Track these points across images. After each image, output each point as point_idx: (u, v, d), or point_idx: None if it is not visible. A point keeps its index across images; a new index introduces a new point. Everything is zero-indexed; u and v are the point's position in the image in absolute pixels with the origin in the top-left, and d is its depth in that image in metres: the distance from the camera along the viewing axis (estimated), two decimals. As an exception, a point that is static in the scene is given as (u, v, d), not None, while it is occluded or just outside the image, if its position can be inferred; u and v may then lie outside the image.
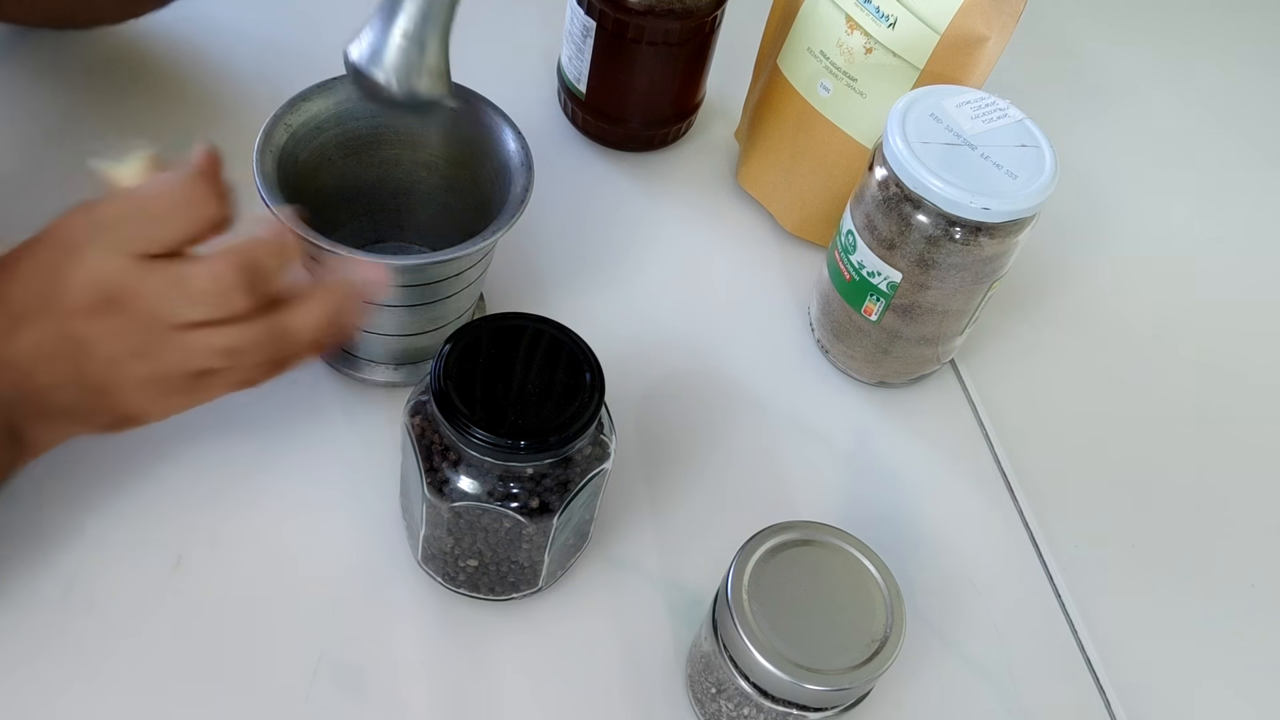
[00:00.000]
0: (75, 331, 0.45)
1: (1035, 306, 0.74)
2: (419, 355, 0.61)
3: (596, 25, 0.69)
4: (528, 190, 0.56)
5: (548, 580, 0.54)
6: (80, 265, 0.45)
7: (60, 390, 0.46)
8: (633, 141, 0.76)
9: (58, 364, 0.46)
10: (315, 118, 0.57)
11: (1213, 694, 0.59)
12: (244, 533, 0.55)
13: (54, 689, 0.49)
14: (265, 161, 0.54)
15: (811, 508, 0.61)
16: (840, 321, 0.65)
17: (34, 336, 0.45)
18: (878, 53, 0.63)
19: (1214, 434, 0.70)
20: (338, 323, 0.49)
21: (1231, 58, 0.97)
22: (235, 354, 0.47)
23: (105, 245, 0.45)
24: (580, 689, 0.53)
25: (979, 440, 0.66)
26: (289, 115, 0.56)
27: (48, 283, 0.45)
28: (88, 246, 0.45)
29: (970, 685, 0.56)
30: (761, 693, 0.47)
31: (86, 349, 0.45)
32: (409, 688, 0.52)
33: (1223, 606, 0.62)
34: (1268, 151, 0.90)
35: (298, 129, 0.56)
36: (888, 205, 0.58)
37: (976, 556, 0.61)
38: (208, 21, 0.76)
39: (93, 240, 0.45)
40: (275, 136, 0.55)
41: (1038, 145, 0.58)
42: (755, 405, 0.65)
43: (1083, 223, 0.79)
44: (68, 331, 0.45)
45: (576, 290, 0.68)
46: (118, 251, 0.45)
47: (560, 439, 0.47)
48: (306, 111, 0.57)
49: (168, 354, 0.46)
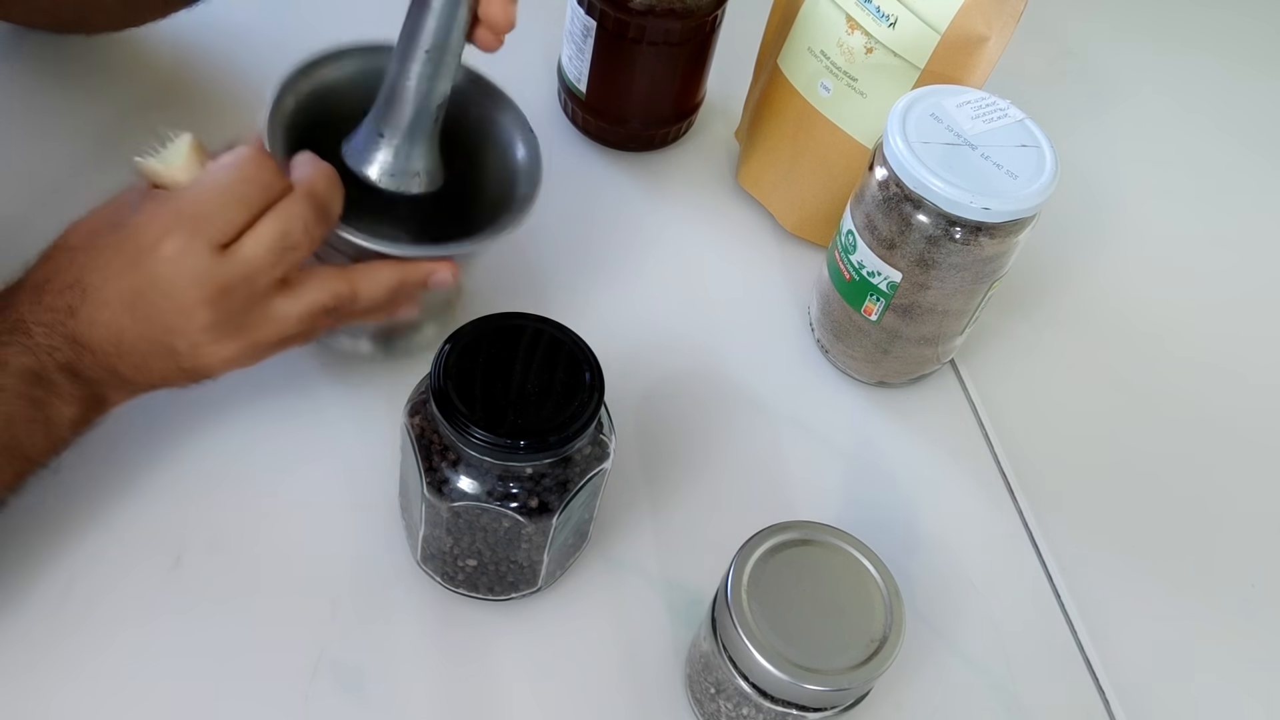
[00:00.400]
0: (173, 325, 0.47)
1: (1035, 306, 0.74)
2: (400, 330, 0.61)
3: (597, 25, 0.69)
4: (537, 172, 0.56)
5: (547, 580, 0.54)
6: (173, 266, 0.46)
7: (150, 372, 0.49)
8: (633, 141, 0.76)
9: (153, 357, 0.48)
10: (323, 82, 0.57)
11: (1212, 693, 0.59)
12: (243, 533, 0.55)
13: (54, 689, 0.49)
14: (275, 124, 0.54)
15: (811, 508, 0.61)
16: (840, 321, 0.65)
17: (130, 328, 0.47)
18: (878, 53, 0.63)
19: (1214, 434, 0.70)
20: (395, 302, 0.53)
21: (1232, 57, 0.97)
22: (315, 316, 0.50)
23: (193, 243, 0.46)
24: (580, 689, 0.53)
25: (979, 440, 0.66)
26: (300, 82, 0.56)
27: (141, 273, 0.47)
28: (175, 245, 0.46)
29: (970, 685, 0.56)
30: (761, 693, 0.47)
31: (184, 337, 0.48)
32: (408, 687, 0.52)
33: (1222, 606, 0.62)
34: (1268, 151, 0.89)
35: (303, 97, 0.56)
36: (888, 205, 0.58)
37: (976, 556, 0.61)
38: (211, 19, 0.76)
39: (178, 239, 0.46)
40: (284, 104, 0.55)
41: (1038, 145, 0.58)
42: (755, 405, 0.65)
43: (1083, 223, 0.79)
44: (167, 325, 0.47)
45: (576, 290, 0.68)
46: (204, 246, 0.47)
47: (560, 439, 0.47)
48: (316, 79, 0.57)
49: (263, 329, 0.49)
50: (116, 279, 0.47)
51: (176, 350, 0.48)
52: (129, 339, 0.48)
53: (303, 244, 0.49)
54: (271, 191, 0.48)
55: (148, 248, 0.46)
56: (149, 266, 0.46)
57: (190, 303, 0.47)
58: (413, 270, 0.53)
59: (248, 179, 0.48)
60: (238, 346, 0.49)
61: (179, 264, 0.46)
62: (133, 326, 0.47)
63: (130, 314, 0.47)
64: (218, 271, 0.47)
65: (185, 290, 0.47)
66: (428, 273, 0.53)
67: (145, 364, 0.49)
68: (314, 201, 0.49)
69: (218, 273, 0.47)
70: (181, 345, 0.48)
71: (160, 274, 0.46)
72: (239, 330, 0.49)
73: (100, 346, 0.47)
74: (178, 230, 0.46)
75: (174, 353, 0.48)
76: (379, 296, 0.52)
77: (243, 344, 0.49)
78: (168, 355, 0.48)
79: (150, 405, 0.58)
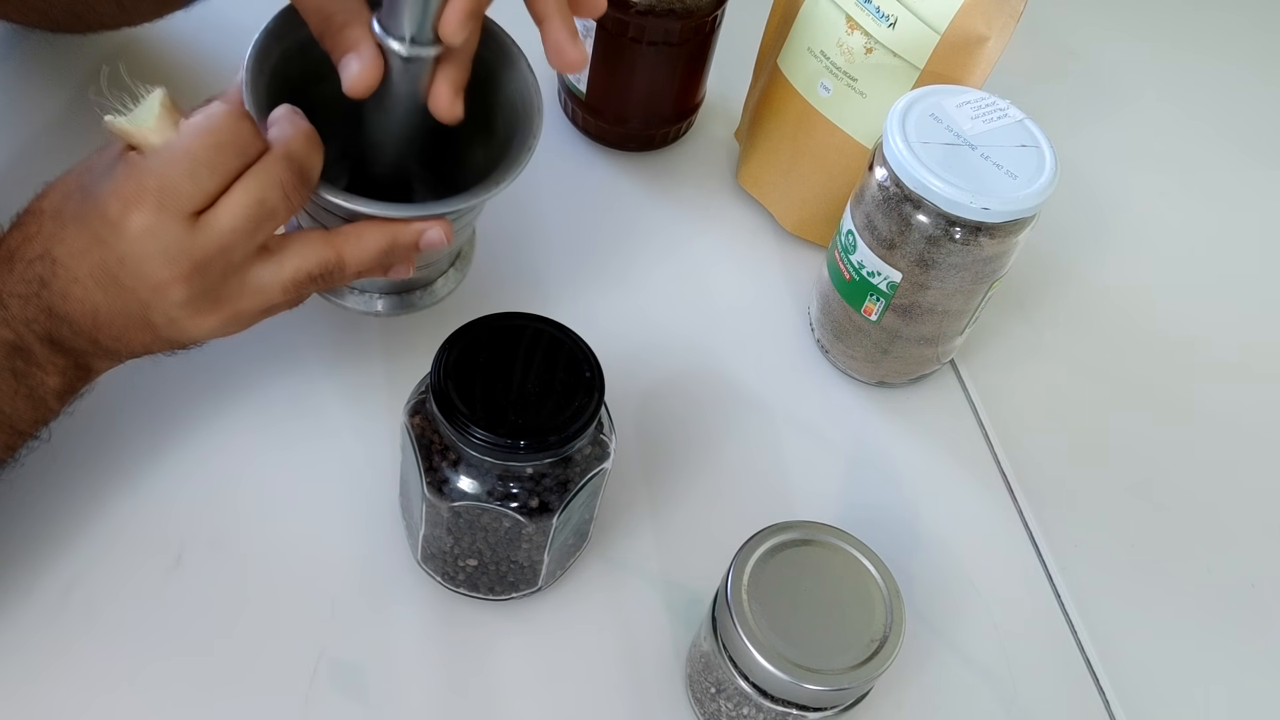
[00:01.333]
0: (148, 301, 0.45)
1: (1035, 306, 0.74)
2: (404, 285, 0.59)
3: (597, 25, 0.69)
4: (536, 122, 0.54)
5: (547, 580, 0.54)
6: (141, 244, 0.44)
7: (131, 343, 0.48)
8: (633, 141, 0.76)
9: (131, 330, 0.47)
10: (308, 35, 0.52)
11: (1212, 693, 0.59)
12: (243, 532, 0.55)
13: (54, 688, 0.49)
14: (259, 73, 0.51)
15: (811, 508, 0.61)
16: (840, 321, 0.65)
17: (104, 303, 0.46)
18: (878, 53, 0.63)
19: (1214, 434, 0.70)
20: (386, 264, 0.50)
21: (1233, 57, 0.97)
22: (300, 285, 0.48)
23: (160, 216, 0.44)
24: (580, 689, 0.53)
25: (979, 440, 0.66)
26: (281, 29, 0.52)
27: (109, 250, 0.44)
28: (141, 220, 0.44)
29: (970, 685, 0.56)
30: (761, 692, 0.47)
31: (160, 313, 0.46)
32: (408, 688, 0.52)
33: (1223, 606, 0.62)
34: (1269, 151, 0.89)
35: (289, 46, 0.53)
36: (888, 205, 0.58)
37: (976, 556, 0.61)
38: (213, 17, 0.76)
39: (145, 214, 0.44)
40: (269, 53, 0.52)
41: (1038, 145, 0.58)
42: (755, 405, 0.65)
43: (1083, 223, 0.79)
44: (142, 301, 0.45)
45: (576, 290, 0.68)
46: (174, 219, 0.44)
47: (560, 439, 0.47)
48: (300, 29, 0.52)
49: (243, 300, 0.47)
50: (84, 255, 0.45)
51: (154, 324, 0.46)
52: (104, 313, 0.46)
53: (281, 210, 0.46)
54: (247, 154, 0.45)
55: (114, 222, 0.44)
56: (115, 244, 0.44)
57: (163, 280, 0.45)
58: (402, 231, 0.49)
59: (221, 143, 0.44)
60: (218, 318, 0.47)
61: (147, 241, 0.44)
62: (106, 302, 0.45)
63: (102, 290, 0.45)
64: (190, 245, 0.44)
65: (156, 269, 0.44)
66: (418, 233, 0.50)
67: (124, 335, 0.47)
68: (292, 163, 0.46)
69: (190, 246, 0.44)
70: (159, 319, 0.46)
71: (129, 252, 0.44)
72: (218, 302, 0.47)
73: (76, 319, 0.46)
74: (144, 203, 0.44)
75: (151, 325, 0.47)
76: (368, 261, 0.49)
77: (224, 315, 0.47)
78: (145, 328, 0.47)
79: (151, 404, 0.58)
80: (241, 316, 0.48)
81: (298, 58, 0.53)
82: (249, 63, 0.51)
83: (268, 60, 0.52)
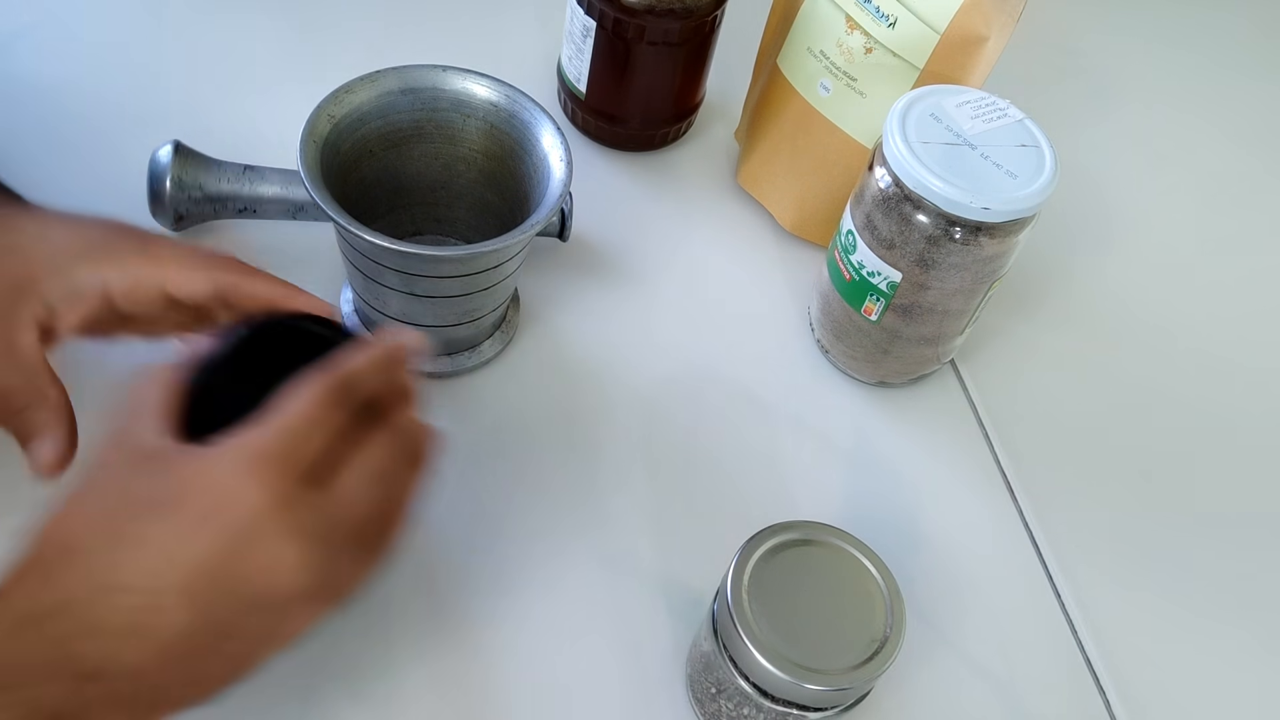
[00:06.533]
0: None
1: (1036, 306, 0.74)
2: (456, 346, 0.61)
3: (596, 25, 0.69)
4: (567, 184, 0.56)
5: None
6: (280, 572, 0.37)
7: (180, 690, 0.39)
8: (633, 141, 0.76)
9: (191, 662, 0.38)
10: (358, 109, 0.57)
11: (1213, 693, 0.59)
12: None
13: None
14: (309, 152, 0.54)
15: (811, 508, 0.61)
16: (840, 321, 0.65)
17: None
18: (878, 52, 0.63)
19: (1214, 433, 0.70)
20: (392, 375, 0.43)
21: (1232, 57, 0.97)
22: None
23: (297, 536, 0.37)
24: (580, 689, 0.53)
25: (979, 440, 0.66)
26: (332, 106, 0.56)
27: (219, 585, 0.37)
28: (276, 544, 0.37)
29: (970, 685, 0.56)
30: (761, 693, 0.47)
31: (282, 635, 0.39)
32: (408, 687, 0.52)
33: (1223, 606, 0.62)
34: (1268, 151, 0.90)
35: (340, 120, 0.57)
36: (888, 205, 0.58)
37: (976, 556, 0.61)
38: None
39: (278, 529, 0.37)
40: (319, 127, 0.55)
41: (1038, 145, 0.58)
42: (755, 405, 0.65)
43: (1083, 222, 0.79)
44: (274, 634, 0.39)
45: (575, 290, 0.68)
46: (315, 540, 0.37)
47: None
48: (349, 103, 0.57)
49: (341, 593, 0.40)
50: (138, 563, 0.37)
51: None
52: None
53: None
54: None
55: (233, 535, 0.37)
56: (244, 570, 0.37)
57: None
58: (371, 362, 0.42)
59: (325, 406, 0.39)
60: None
61: (289, 570, 0.37)
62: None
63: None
64: (325, 551, 0.38)
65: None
66: (393, 353, 0.43)
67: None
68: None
69: (324, 556, 0.38)
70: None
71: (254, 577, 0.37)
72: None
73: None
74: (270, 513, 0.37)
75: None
76: (370, 386, 0.42)
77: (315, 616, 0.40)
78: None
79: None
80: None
81: (347, 132, 0.57)
82: (302, 134, 0.54)
83: (318, 132, 0.55)
